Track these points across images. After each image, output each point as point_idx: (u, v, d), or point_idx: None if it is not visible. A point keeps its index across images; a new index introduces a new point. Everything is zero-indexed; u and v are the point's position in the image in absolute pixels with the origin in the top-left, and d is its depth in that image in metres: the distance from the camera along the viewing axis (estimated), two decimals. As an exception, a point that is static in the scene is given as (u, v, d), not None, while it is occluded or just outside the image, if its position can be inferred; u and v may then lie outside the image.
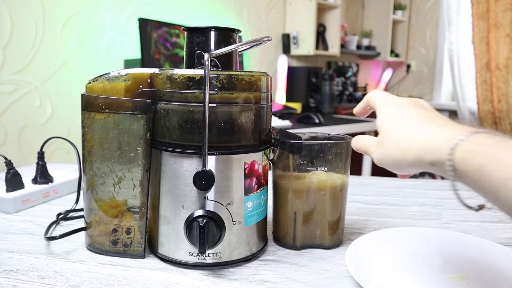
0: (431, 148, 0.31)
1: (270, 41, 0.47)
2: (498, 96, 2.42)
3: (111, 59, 1.77)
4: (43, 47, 1.57)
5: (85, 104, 0.48)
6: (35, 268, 0.46)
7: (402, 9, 3.18)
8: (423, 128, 0.33)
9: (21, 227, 0.58)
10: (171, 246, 0.47)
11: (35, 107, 1.57)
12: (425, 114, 0.35)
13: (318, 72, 2.46)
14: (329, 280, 0.44)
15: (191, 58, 0.48)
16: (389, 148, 0.35)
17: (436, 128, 0.32)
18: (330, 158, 0.51)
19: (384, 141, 0.36)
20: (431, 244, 0.51)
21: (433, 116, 0.35)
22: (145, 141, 0.46)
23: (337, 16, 2.61)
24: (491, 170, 0.27)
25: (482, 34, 2.43)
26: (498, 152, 0.27)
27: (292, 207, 0.51)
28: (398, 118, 0.36)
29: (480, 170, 0.28)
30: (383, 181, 0.88)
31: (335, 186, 0.51)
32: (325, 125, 1.86)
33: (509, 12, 2.33)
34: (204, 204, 0.45)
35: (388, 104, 0.38)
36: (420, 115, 0.35)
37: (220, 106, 0.44)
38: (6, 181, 0.65)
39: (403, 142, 0.34)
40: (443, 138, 0.31)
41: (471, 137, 0.29)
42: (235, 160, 0.46)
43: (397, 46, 3.27)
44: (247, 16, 2.33)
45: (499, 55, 2.39)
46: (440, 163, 0.31)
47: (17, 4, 1.48)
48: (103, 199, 0.48)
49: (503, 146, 0.27)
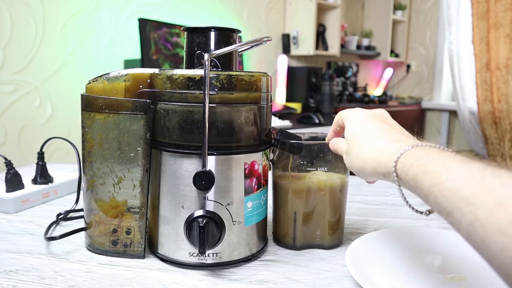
0: (382, 162, 0.36)
1: (270, 41, 0.47)
2: (498, 96, 2.42)
3: (111, 59, 1.77)
4: (43, 47, 1.57)
5: (85, 104, 0.48)
6: (35, 268, 0.46)
7: (402, 9, 3.18)
8: (377, 143, 0.38)
9: (21, 227, 0.58)
10: (171, 246, 0.47)
11: (35, 107, 1.57)
12: (382, 129, 0.40)
13: (318, 72, 2.45)
14: (329, 280, 0.44)
15: (191, 58, 0.48)
16: (353, 159, 0.40)
17: (388, 143, 0.37)
18: (330, 158, 0.51)
19: (349, 152, 0.41)
20: (431, 244, 0.51)
21: (389, 131, 0.39)
22: (145, 141, 0.46)
23: (337, 16, 2.61)
24: (421, 179, 0.31)
25: (482, 34, 2.43)
26: (426, 164, 0.32)
27: (292, 207, 0.51)
28: (359, 133, 0.40)
29: (414, 179, 0.32)
30: (383, 181, 0.88)
31: (335, 186, 0.51)
32: (325, 125, 1.86)
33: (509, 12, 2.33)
34: (204, 204, 0.45)
35: (352, 120, 0.43)
36: (377, 130, 0.40)
37: (220, 106, 0.44)
38: (6, 181, 0.65)
39: (362, 155, 0.39)
40: (390, 153, 0.36)
41: (410, 150, 0.34)
42: (235, 160, 0.46)
43: (397, 46, 3.27)
44: (247, 16, 2.33)
45: (499, 55, 2.39)
46: (389, 174, 0.36)
47: (17, 4, 1.48)
48: (103, 199, 0.48)
49: (431, 158, 0.32)
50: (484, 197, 0.25)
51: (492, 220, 0.24)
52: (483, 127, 2.53)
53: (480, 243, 0.26)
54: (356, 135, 0.40)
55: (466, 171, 0.28)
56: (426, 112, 3.17)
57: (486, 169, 0.27)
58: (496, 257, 0.25)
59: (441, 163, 0.30)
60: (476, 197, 0.26)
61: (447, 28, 2.68)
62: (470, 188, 0.27)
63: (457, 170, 0.29)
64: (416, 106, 3.05)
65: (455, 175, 0.28)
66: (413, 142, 0.35)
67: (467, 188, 0.27)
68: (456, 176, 0.28)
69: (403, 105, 2.93)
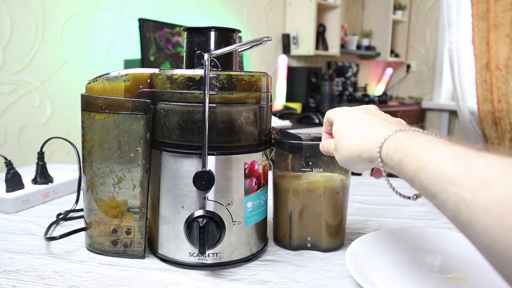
0: (366, 148, 0.37)
1: (270, 41, 0.47)
2: (498, 96, 2.42)
3: (111, 59, 1.77)
4: (43, 47, 1.57)
5: (85, 104, 0.48)
6: (35, 268, 0.46)
7: (402, 9, 3.18)
8: (360, 132, 0.39)
9: (21, 227, 0.58)
10: (171, 246, 0.47)
11: (35, 107, 1.57)
12: (364, 118, 0.41)
13: (318, 72, 2.45)
14: (329, 280, 0.44)
15: (191, 58, 0.48)
16: (341, 151, 0.41)
17: (370, 130, 0.38)
18: (325, 159, 0.50)
19: (337, 146, 0.42)
20: (431, 244, 0.51)
21: (371, 119, 0.40)
22: (145, 141, 0.46)
23: (337, 16, 2.61)
24: (406, 163, 0.32)
25: (482, 34, 2.43)
26: (411, 147, 0.32)
27: (289, 208, 0.51)
28: (344, 126, 0.42)
29: (399, 164, 0.33)
30: (383, 181, 0.88)
31: (332, 187, 0.51)
32: (325, 125, 1.86)
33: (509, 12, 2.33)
34: (204, 204, 0.45)
35: (338, 116, 0.44)
36: (360, 120, 0.40)
37: (220, 106, 0.44)
38: (6, 181, 0.65)
39: (347, 145, 0.40)
40: (374, 138, 0.36)
41: (394, 135, 0.34)
42: (235, 160, 0.46)
43: (397, 46, 3.27)
44: (247, 16, 2.33)
45: (499, 55, 2.39)
46: (374, 159, 0.36)
47: (17, 4, 1.48)
48: (103, 199, 0.48)
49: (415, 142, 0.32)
50: (469, 177, 0.26)
51: (476, 200, 0.24)
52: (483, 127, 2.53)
53: (465, 223, 0.26)
54: (341, 129, 0.42)
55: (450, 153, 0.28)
56: (426, 112, 3.17)
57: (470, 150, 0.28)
58: (480, 237, 0.25)
59: (425, 146, 0.31)
60: (460, 178, 0.26)
61: (447, 28, 2.68)
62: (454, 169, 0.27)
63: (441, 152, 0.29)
64: (416, 106, 3.06)
65: (439, 158, 0.29)
66: (396, 127, 0.36)
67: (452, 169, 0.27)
68: (440, 158, 0.28)
69: (403, 105, 2.93)
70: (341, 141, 0.41)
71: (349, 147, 0.40)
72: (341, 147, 0.41)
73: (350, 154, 0.40)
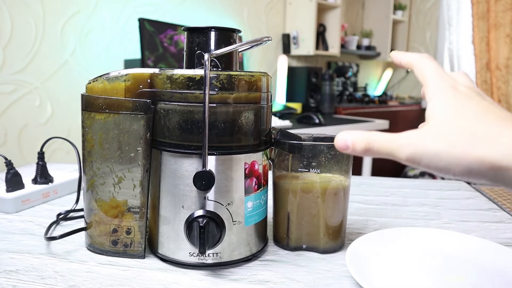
0: (503, 151, 0.26)
1: (270, 41, 0.47)
2: (498, 96, 2.42)
3: (111, 59, 1.77)
4: (43, 47, 1.57)
5: (85, 104, 0.48)
6: (35, 268, 0.46)
7: (402, 9, 3.18)
8: (490, 125, 0.28)
9: (21, 227, 0.58)
10: (171, 246, 0.47)
11: (35, 107, 1.57)
12: (487, 107, 0.30)
13: (318, 72, 2.46)
14: (329, 280, 0.44)
15: (191, 58, 0.48)
16: (444, 143, 0.28)
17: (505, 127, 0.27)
18: (323, 160, 0.50)
19: (438, 134, 0.29)
20: (431, 244, 0.51)
21: (493, 109, 0.29)
22: (145, 141, 0.46)
23: (337, 16, 2.61)
24: None
25: (482, 34, 2.43)
26: None
27: (290, 208, 0.51)
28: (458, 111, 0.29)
29: None
30: (383, 181, 0.88)
31: (329, 188, 0.50)
32: (325, 125, 1.86)
33: (509, 12, 2.33)
34: (204, 204, 0.45)
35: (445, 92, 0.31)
36: (484, 109, 0.29)
37: (220, 106, 0.44)
38: (6, 181, 0.65)
39: (464, 138, 0.28)
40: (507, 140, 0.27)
41: None
42: (235, 160, 0.46)
43: (397, 46, 3.27)
44: (247, 16, 2.33)
45: (499, 55, 2.39)
46: (502, 170, 0.27)
47: (17, 4, 1.48)
48: (103, 199, 0.48)
49: None
50: None
51: None
52: None
53: None
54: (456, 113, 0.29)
55: None
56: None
57: None
58: None
59: None
60: None
61: (447, 28, 2.68)
62: None
63: None
64: (416, 106, 3.05)
65: None
66: None
67: None
68: None
69: (403, 105, 2.93)
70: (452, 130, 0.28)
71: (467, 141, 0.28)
72: (449, 138, 0.28)
73: (466, 152, 0.27)
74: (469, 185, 0.86)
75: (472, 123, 0.28)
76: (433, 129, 0.29)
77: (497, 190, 0.83)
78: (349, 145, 0.32)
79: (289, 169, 0.51)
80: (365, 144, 0.32)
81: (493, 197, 0.78)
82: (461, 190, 0.82)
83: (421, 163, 0.29)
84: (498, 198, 0.77)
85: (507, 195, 0.79)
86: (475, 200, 0.75)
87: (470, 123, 0.28)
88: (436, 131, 0.29)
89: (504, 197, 0.78)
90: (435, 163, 0.28)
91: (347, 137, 0.33)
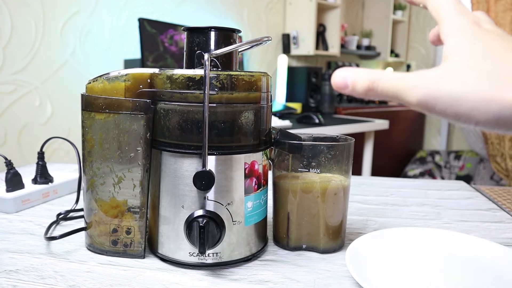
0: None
1: (270, 41, 0.47)
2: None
3: (111, 59, 1.77)
4: (43, 47, 1.57)
5: (85, 104, 0.48)
6: (35, 268, 0.46)
7: (402, 9, 3.19)
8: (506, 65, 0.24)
9: (21, 227, 0.58)
10: (171, 246, 0.47)
11: (35, 107, 1.57)
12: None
13: (318, 72, 2.46)
14: (329, 280, 0.44)
15: (191, 58, 0.48)
16: (467, 85, 0.24)
17: None
18: (330, 159, 0.50)
19: (460, 74, 0.24)
20: (431, 244, 0.51)
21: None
22: (145, 141, 0.46)
23: (337, 16, 2.61)
24: None
25: (482, 34, 2.43)
26: None
27: (290, 208, 0.51)
28: (484, 49, 0.25)
29: None
30: (383, 181, 0.88)
31: (329, 188, 0.50)
32: (325, 125, 1.86)
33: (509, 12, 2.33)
34: (204, 204, 0.45)
35: (466, 28, 0.26)
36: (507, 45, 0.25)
37: (220, 106, 0.44)
38: (6, 181, 0.65)
39: (494, 79, 0.23)
40: None
41: None
42: (235, 160, 0.46)
43: (397, 46, 3.28)
44: (247, 16, 2.33)
45: (499, 55, 2.39)
46: None
47: (17, 4, 1.48)
48: (103, 199, 0.48)
49: None
50: None
51: None
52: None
53: None
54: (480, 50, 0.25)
55: None
56: (426, 112, 3.17)
57: None
58: None
59: None
60: None
61: (447, 28, 2.68)
62: None
63: None
64: (416, 106, 3.05)
65: None
66: None
67: None
68: None
69: (403, 105, 2.93)
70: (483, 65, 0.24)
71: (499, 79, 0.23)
72: (477, 74, 0.24)
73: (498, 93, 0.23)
74: (469, 185, 0.86)
75: (502, 62, 0.24)
76: (453, 69, 0.25)
77: (497, 190, 0.83)
78: (348, 84, 0.28)
79: (289, 169, 0.51)
80: (367, 84, 0.27)
81: (493, 197, 0.78)
82: (461, 190, 0.82)
83: (436, 108, 0.25)
84: (498, 198, 0.77)
85: (507, 195, 0.79)
86: (475, 200, 0.75)
87: (500, 62, 0.24)
88: (457, 71, 0.24)
89: (504, 197, 0.78)
90: (455, 109, 0.24)
91: (346, 74, 0.28)
